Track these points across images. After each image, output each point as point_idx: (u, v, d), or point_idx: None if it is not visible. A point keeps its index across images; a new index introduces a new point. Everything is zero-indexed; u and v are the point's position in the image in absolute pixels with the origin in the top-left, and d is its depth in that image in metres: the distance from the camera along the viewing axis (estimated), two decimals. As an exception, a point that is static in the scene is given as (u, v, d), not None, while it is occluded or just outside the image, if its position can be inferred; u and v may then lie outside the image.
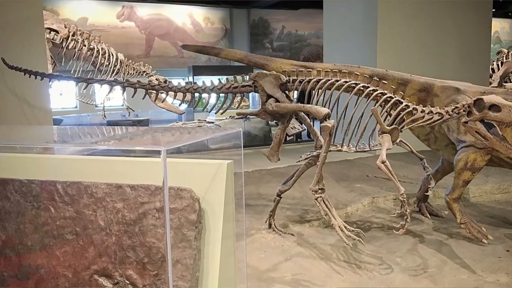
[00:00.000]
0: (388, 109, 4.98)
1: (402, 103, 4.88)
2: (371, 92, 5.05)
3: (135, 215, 2.53)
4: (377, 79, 5.11)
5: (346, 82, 5.16)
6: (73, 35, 10.43)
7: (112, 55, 11.24)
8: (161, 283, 2.51)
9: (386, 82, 5.12)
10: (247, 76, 5.37)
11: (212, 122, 9.53)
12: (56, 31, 10.17)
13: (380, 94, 5.01)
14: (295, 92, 5.58)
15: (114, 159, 2.76)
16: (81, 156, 2.96)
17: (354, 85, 5.13)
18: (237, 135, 2.89)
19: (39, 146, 3.10)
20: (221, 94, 5.59)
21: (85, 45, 10.68)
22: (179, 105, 8.03)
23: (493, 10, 13.29)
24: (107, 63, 11.09)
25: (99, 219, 2.60)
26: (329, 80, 5.21)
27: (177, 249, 2.49)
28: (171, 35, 24.63)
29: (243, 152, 2.84)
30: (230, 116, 9.15)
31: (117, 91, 6.36)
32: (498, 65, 11.81)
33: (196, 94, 5.67)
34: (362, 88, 5.09)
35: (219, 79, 5.59)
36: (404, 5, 11.40)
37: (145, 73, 11.85)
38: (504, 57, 11.82)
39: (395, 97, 4.94)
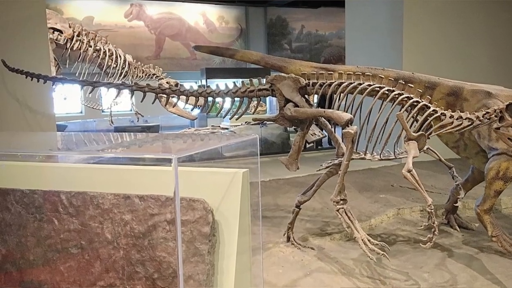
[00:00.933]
0: (415, 115, 4.95)
1: (429, 108, 4.85)
2: (397, 96, 5.02)
3: (144, 227, 2.53)
4: (403, 82, 5.08)
5: (369, 85, 5.13)
6: (78, 36, 10.45)
7: (120, 56, 11.26)
8: (171, 301, 2.51)
9: (412, 85, 5.08)
10: (264, 79, 5.36)
11: (227, 128, 9.53)
12: (60, 31, 10.21)
13: (406, 99, 4.98)
14: (315, 96, 5.56)
15: (122, 168, 2.77)
16: (86, 165, 2.97)
17: (378, 88, 5.10)
18: (253, 142, 2.88)
19: (41, 154, 3.11)
20: (236, 99, 5.58)
21: (90, 46, 10.70)
22: (192, 110, 8.04)
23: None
24: (115, 65, 11.10)
25: (105, 231, 2.60)
26: (351, 83, 5.18)
27: (189, 264, 2.48)
28: (183, 35, 24.72)
29: (259, 160, 2.83)
30: (245, 122, 9.16)
31: (125, 95, 6.38)
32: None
33: (210, 99, 5.64)
34: (386, 92, 5.07)
35: (234, 82, 5.58)
36: (431, 3, 11.34)
37: (155, 76, 11.86)
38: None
39: (422, 101, 4.91)
